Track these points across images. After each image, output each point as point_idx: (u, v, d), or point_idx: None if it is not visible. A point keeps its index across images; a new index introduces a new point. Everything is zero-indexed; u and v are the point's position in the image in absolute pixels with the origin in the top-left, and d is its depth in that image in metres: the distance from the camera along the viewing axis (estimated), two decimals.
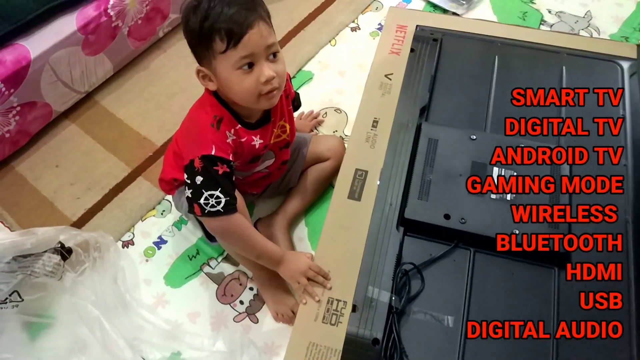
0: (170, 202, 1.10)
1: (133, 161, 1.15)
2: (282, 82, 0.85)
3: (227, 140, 0.85)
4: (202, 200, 0.82)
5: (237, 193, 0.87)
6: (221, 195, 0.82)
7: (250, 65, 0.80)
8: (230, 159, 0.84)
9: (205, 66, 0.83)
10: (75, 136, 1.20)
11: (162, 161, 1.13)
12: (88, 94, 1.25)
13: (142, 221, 1.09)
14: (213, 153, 0.82)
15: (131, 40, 1.25)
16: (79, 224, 1.07)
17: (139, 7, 1.21)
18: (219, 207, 0.82)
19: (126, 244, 1.05)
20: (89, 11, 1.13)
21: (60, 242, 0.92)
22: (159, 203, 1.11)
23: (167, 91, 1.27)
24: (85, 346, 0.89)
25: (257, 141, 0.90)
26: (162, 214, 1.09)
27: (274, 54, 0.82)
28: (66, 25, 1.11)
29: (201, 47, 0.81)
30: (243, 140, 0.88)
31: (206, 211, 0.82)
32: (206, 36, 0.79)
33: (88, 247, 0.94)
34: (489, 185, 0.91)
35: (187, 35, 0.82)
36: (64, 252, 0.92)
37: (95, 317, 0.87)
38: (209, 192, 0.82)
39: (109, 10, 1.15)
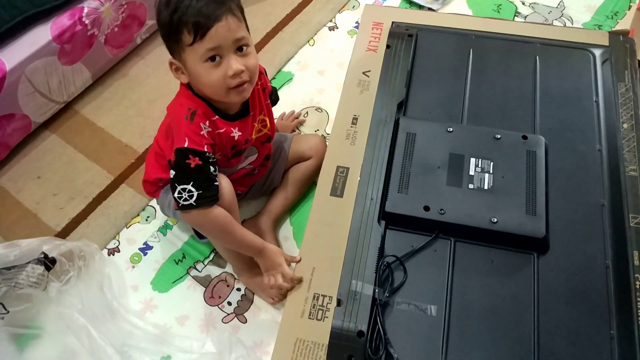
0: (154, 207, 1.11)
1: (115, 169, 1.15)
2: (252, 75, 0.85)
3: (201, 132, 0.85)
4: (176, 194, 0.83)
5: (225, 182, 0.88)
6: (193, 189, 0.83)
7: (217, 58, 0.81)
8: (205, 150, 0.84)
9: (176, 59, 0.84)
10: (56, 146, 1.20)
11: (144, 167, 1.14)
12: (67, 104, 1.25)
13: (127, 228, 1.09)
14: (186, 145, 0.83)
15: (108, 48, 1.25)
16: (64, 234, 1.07)
17: (114, 15, 1.21)
18: (192, 201, 0.83)
19: (112, 252, 1.06)
20: (63, 20, 1.13)
21: (43, 253, 0.92)
22: (143, 209, 1.11)
23: (147, 97, 1.27)
24: (74, 355, 0.89)
25: (236, 133, 0.90)
26: (146, 220, 1.10)
27: (242, 47, 0.83)
28: (41, 35, 1.11)
29: (171, 40, 0.83)
30: (221, 131, 0.88)
31: (180, 205, 0.84)
32: (175, 29, 0.80)
33: (72, 257, 0.94)
34: (467, 175, 0.92)
35: (159, 28, 0.84)
36: (48, 262, 0.92)
37: (82, 326, 0.87)
38: (182, 186, 0.83)
39: (83, 19, 1.15)
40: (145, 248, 1.06)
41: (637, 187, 1.00)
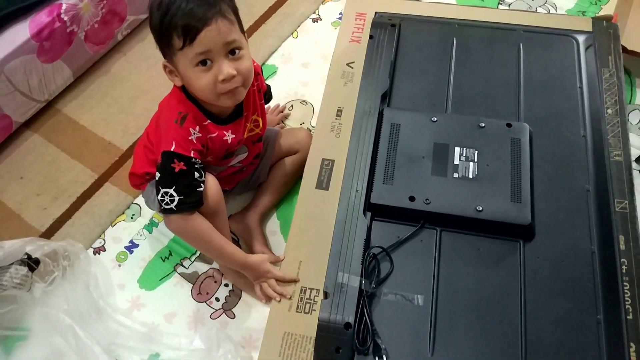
0: (139, 205, 1.10)
1: (99, 167, 1.14)
2: (246, 79, 0.84)
3: (190, 137, 0.84)
4: (159, 197, 0.83)
5: (212, 182, 0.87)
6: (175, 194, 0.82)
7: (208, 63, 0.79)
8: (192, 155, 0.83)
9: (169, 62, 0.83)
10: (38, 146, 1.18)
11: (128, 165, 1.13)
12: (49, 102, 1.23)
13: (112, 227, 1.08)
14: (172, 149, 0.82)
15: (89, 45, 1.24)
16: (48, 234, 1.06)
17: (94, 11, 1.19)
18: (172, 206, 0.82)
19: (97, 251, 1.05)
20: (41, 17, 1.11)
21: (26, 254, 0.91)
22: (128, 207, 1.10)
23: (130, 94, 1.26)
24: (62, 356, 0.89)
25: (229, 136, 0.89)
26: (132, 218, 1.09)
27: (235, 51, 0.81)
28: (19, 33, 1.09)
29: (163, 43, 0.81)
30: (213, 135, 0.87)
31: (162, 208, 0.83)
32: (165, 32, 0.79)
33: (57, 257, 0.93)
34: (451, 165, 0.92)
35: (151, 30, 0.82)
36: (31, 263, 0.91)
37: (68, 326, 0.86)
38: (164, 190, 0.82)
39: (62, 16, 1.13)
40: (131, 246, 1.05)
41: (622, 172, 1.00)
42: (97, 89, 1.27)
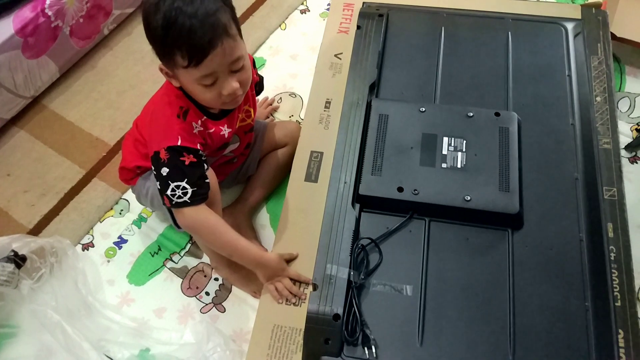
0: (128, 200, 1.09)
1: (87, 163, 1.13)
2: (246, 86, 0.84)
3: (194, 131, 0.85)
4: (169, 192, 0.82)
5: (210, 173, 0.86)
6: (187, 186, 0.82)
7: (213, 81, 0.79)
8: (198, 147, 0.84)
9: (167, 67, 0.81)
10: (25, 143, 1.17)
11: (116, 160, 1.12)
12: (35, 99, 1.22)
13: (101, 222, 1.07)
14: (179, 144, 0.82)
15: (74, 40, 1.22)
16: (36, 231, 1.05)
17: (78, 5, 1.18)
18: (186, 198, 0.82)
19: (86, 247, 1.04)
20: (25, 13, 1.10)
21: (13, 251, 0.90)
22: (117, 203, 1.09)
23: (117, 89, 1.25)
24: (51, 353, 0.88)
25: (225, 130, 0.89)
26: (120, 213, 1.08)
27: (240, 64, 0.81)
28: (2, 29, 1.08)
29: (163, 55, 0.79)
30: (211, 131, 0.87)
31: (174, 202, 0.82)
32: (168, 49, 0.77)
33: (44, 253, 0.93)
34: (440, 155, 0.92)
35: (145, 31, 0.79)
36: (18, 260, 0.91)
37: (56, 322, 0.86)
38: (175, 184, 0.82)
39: (46, 11, 1.12)
40: (120, 242, 1.04)
41: (611, 160, 1.00)
42: (83, 84, 1.26)
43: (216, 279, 0.99)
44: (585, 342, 0.77)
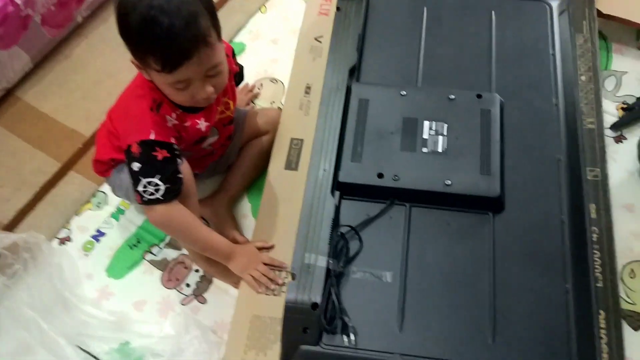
0: (105, 193, 1.07)
1: (62, 155, 1.10)
2: (221, 89, 0.83)
3: (168, 125, 0.82)
4: (140, 188, 0.79)
5: (185, 166, 0.84)
6: (160, 183, 0.79)
7: (186, 86, 0.77)
8: (172, 142, 0.81)
9: (139, 63, 0.78)
10: None
11: (93, 152, 1.10)
12: (8, 91, 1.18)
13: (78, 216, 1.05)
14: (152, 138, 0.79)
15: (46, 28, 1.19)
16: (11, 226, 1.03)
17: None
18: (158, 195, 0.79)
19: (63, 241, 1.02)
20: None
21: None
22: (94, 195, 1.07)
23: (92, 79, 1.21)
24: (29, 349, 0.86)
25: (202, 124, 0.87)
26: (98, 206, 1.06)
27: (216, 70, 0.79)
28: None
29: (135, 53, 0.76)
30: (187, 125, 0.85)
31: (145, 199, 0.80)
32: (142, 51, 0.74)
33: (17, 249, 0.91)
34: (420, 139, 0.90)
35: (121, 34, 0.76)
36: None
37: (32, 319, 0.84)
38: (147, 180, 0.79)
39: None
40: (98, 235, 1.02)
41: (595, 140, 0.99)
42: (58, 74, 1.23)
43: (197, 271, 0.98)
44: (566, 324, 0.77)
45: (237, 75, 1.01)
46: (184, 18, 0.71)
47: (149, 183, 0.79)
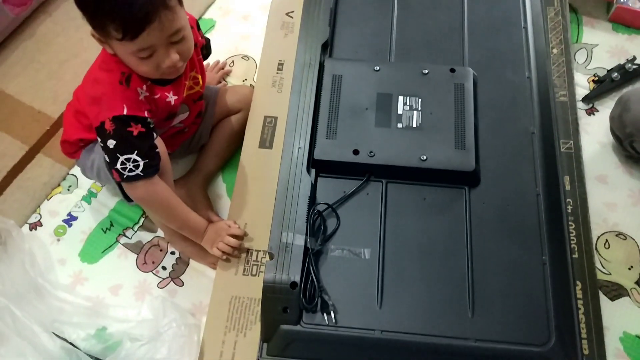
0: (76, 176, 1.04)
1: (30, 138, 1.07)
2: (187, 56, 0.80)
3: (140, 98, 0.80)
4: (119, 166, 0.77)
5: (159, 143, 0.82)
6: (138, 158, 0.77)
7: (150, 54, 0.75)
8: (146, 115, 0.79)
9: (99, 35, 0.75)
10: None
11: (61, 134, 1.06)
12: None
13: (48, 200, 1.02)
14: (125, 113, 0.77)
15: (9, 7, 1.14)
16: None
17: None
18: (138, 171, 0.78)
19: (34, 226, 0.99)
20: None
21: None
22: (64, 179, 1.04)
23: (58, 58, 1.18)
24: (3, 337, 0.85)
25: (171, 97, 0.85)
26: (68, 189, 1.03)
27: (179, 35, 0.76)
28: None
29: (94, 25, 0.74)
30: (157, 97, 0.83)
31: (125, 176, 0.78)
32: (99, 21, 0.72)
33: None
34: (395, 115, 0.89)
35: (77, 4, 0.73)
36: None
37: (4, 306, 0.82)
38: (125, 156, 0.77)
39: None
40: (70, 219, 1.00)
41: (567, 112, 1.00)
42: (22, 54, 1.18)
43: (172, 253, 0.96)
44: (543, 295, 0.78)
45: (204, 48, 0.98)
46: None
47: (127, 160, 0.77)
